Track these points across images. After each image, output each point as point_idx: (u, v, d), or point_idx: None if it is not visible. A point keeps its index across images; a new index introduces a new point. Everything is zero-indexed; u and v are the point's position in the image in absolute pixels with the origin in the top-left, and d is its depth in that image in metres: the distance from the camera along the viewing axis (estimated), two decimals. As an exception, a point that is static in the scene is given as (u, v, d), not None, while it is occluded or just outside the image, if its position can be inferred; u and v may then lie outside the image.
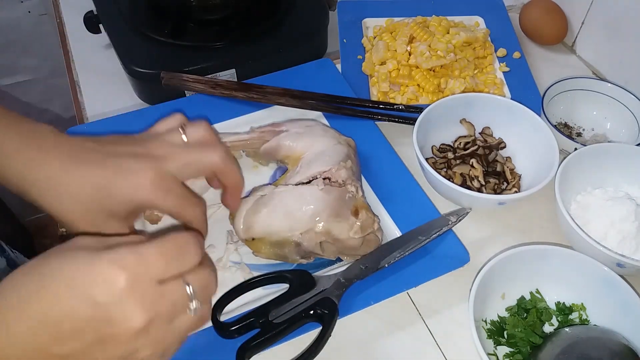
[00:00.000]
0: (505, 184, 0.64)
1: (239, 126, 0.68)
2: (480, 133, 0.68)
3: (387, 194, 0.62)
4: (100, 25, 0.80)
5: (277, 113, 0.70)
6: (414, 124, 0.62)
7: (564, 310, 0.54)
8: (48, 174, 0.42)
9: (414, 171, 0.64)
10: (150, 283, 0.32)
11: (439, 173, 0.58)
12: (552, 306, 0.55)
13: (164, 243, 0.34)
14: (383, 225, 0.58)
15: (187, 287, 0.34)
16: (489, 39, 0.79)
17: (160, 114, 0.50)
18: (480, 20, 0.83)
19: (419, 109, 0.65)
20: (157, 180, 0.43)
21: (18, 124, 0.43)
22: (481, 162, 0.64)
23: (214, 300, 0.51)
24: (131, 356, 0.33)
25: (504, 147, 0.67)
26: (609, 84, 0.71)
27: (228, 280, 0.55)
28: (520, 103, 0.66)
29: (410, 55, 0.74)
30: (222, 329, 0.49)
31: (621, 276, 0.51)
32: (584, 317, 0.54)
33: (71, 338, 0.31)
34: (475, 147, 0.65)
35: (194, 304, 0.35)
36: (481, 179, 0.62)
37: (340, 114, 0.69)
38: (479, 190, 0.62)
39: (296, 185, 0.57)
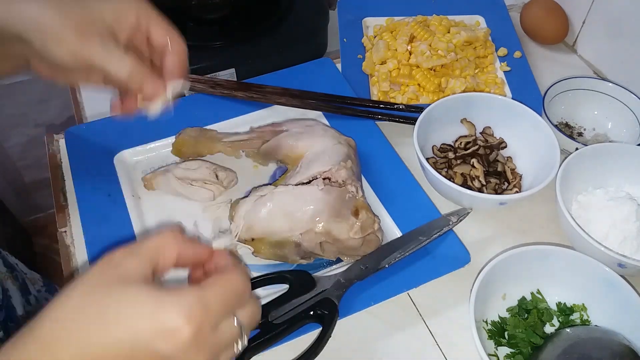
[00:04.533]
0: (506, 184, 0.64)
1: (238, 126, 0.68)
2: (481, 133, 0.68)
3: (388, 194, 0.62)
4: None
5: (277, 113, 0.70)
6: (414, 124, 0.62)
7: (565, 311, 0.54)
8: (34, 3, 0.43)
9: (414, 171, 0.63)
10: (210, 330, 0.32)
11: (440, 173, 0.58)
12: (553, 307, 0.54)
13: (226, 287, 0.34)
14: (383, 226, 0.57)
15: (238, 326, 0.34)
16: (490, 38, 0.79)
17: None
18: (481, 19, 0.83)
19: (420, 109, 0.65)
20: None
21: None
22: (482, 162, 0.64)
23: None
24: None
25: (505, 147, 0.67)
26: (610, 84, 0.70)
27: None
28: (521, 103, 0.65)
29: (410, 54, 0.74)
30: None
31: (622, 276, 0.51)
32: (585, 317, 0.53)
33: None
34: (476, 147, 0.65)
35: (242, 340, 0.35)
36: (482, 179, 0.62)
37: (340, 114, 0.69)
38: (480, 190, 0.62)
39: (296, 185, 0.56)
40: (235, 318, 0.34)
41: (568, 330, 0.51)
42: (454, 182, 0.59)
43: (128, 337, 0.30)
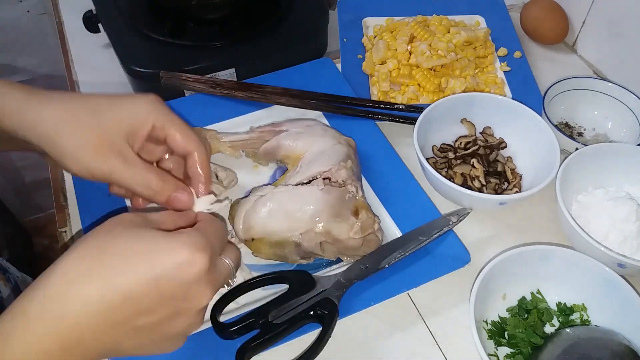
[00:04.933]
0: (506, 184, 0.64)
1: (238, 126, 0.68)
2: (481, 133, 0.68)
3: (388, 194, 0.62)
4: (100, 25, 0.80)
5: (277, 113, 0.70)
6: (414, 124, 0.62)
7: (565, 311, 0.54)
8: (48, 95, 0.43)
9: (414, 171, 0.63)
10: (213, 263, 0.37)
11: (440, 173, 0.58)
12: (553, 307, 0.54)
13: (215, 225, 0.39)
14: (383, 226, 0.57)
15: (230, 263, 0.40)
16: (490, 38, 0.79)
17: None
18: (481, 19, 0.83)
19: (420, 109, 0.65)
20: (156, 100, 0.45)
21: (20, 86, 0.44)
22: (482, 162, 0.64)
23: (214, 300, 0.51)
24: (189, 329, 0.37)
25: (505, 147, 0.67)
26: (610, 84, 0.70)
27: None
28: (521, 103, 0.65)
29: (410, 54, 0.74)
30: (222, 329, 0.48)
31: (622, 276, 0.51)
32: (585, 317, 0.53)
33: (150, 312, 0.34)
34: (476, 147, 0.65)
35: (234, 277, 0.41)
36: (482, 179, 0.62)
37: (340, 114, 0.69)
38: (480, 190, 0.62)
39: (296, 185, 0.56)
40: (227, 259, 0.40)
41: (568, 330, 0.51)
42: (454, 182, 0.59)
43: (151, 271, 0.33)
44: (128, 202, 0.61)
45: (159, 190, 0.43)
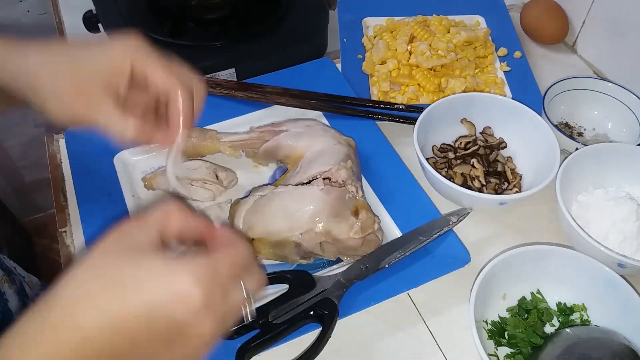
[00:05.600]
0: (506, 184, 0.64)
1: (238, 126, 0.68)
2: (481, 133, 0.68)
3: (388, 194, 0.62)
4: (100, 25, 0.80)
5: (277, 113, 0.70)
6: (414, 124, 0.62)
7: (565, 311, 0.54)
8: (30, 46, 0.43)
9: (414, 171, 0.63)
10: (221, 296, 0.34)
11: (440, 173, 0.58)
12: (553, 307, 0.54)
13: (232, 257, 0.35)
14: (383, 226, 0.57)
15: (245, 292, 0.36)
16: (490, 38, 0.79)
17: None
18: (480, 19, 0.83)
19: (420, 109, 0.65)
20: (135, 42, 0.43)
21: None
22: (482, 162, 0.64)
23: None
24: (191, 357, 0.35)
25: (505, 147, 0.67)
26: (610, 84, 0.70)
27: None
28: (521, 103, 0.65)
29: (410, 54, 0.74)
30: (222, 329, 0.48)
31: (622, 276, 0.51)
32: (585, 317, 0.53)
33: (142, 346, 0.33)
34: (476, 147, 0.65)
35: (249, 307, 0.37)
36: (482, 179, 0.62)
37: (340, 114, 0.69)
38: (480, 190, 0.61)
39: (296, 185, 0.56)
40: (242, 285, 0.36)
41: (568, 330, 0.51)
42: (454, 182, 0.59)
43: (144, 302, 0.32)
44: (129, 204, 0.61)
45: (137, 134, 0.44)
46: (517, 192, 0.62)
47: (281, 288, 0.53)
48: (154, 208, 0.37)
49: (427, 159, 0.61)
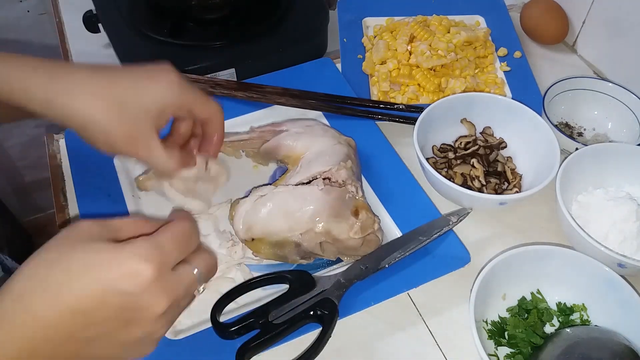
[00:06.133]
0: (506, 184, 0.64)
1: (238, 126, 0.68)
2: (481, 133, 0.68)
3: (388, 194, 0.62)
4: (100, 25, 0.80)
5: (277, 113, 0.70)
6: (414, 124, 0.62)
7: (565, 311, 0.54)
8: (74, 80, 0.45)
9: (414, 171, 0.63)
10: (168, 271, 0.36)
11: (440, 173, 0.58)
12: (553, 307, 0.54)
13: (174, 230, 0.37)
14: (383, 226, 0.57)
15: (195, 271, 0.38)
16: (490, 38, 0.79)
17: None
18: (480, 19, 0.83)
19: (420, 109, 0.65)
20: (178, 80, 0.48)
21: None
22: (482, 162, 0.64)
23: (214, 300, 0.51)
24: (149, 336, 0.37)
25: (505, 147, 0.67)
26: (610, 84, 0.70)
27: (228, 281, 0.55)
28: (521, 103, 0.65)
29: (410, 54, 0.74)
30: (222, 329, 0.49)
31: (622, 276, 0.51)
32: (585, 317, 0.53)
33: (100, 324, 0.34)
34: (476, 147, 0.65)
35: (201, 287, 0.39)
36: (482, 179, 0.62)
37: (340, 114, 0.69)
38: (480, 190, 0.61)
39: (296, 185, 0.56)
40: (192, 266, 0.38)
41: (568, 330, 0.51)
42: (454, 182, 0.59)
43: (96, 281, 0.34)
44: (129, 205, 0.61)
45: (174, 167, 0.50)
46: (517, 192, 0.62)
47: (281, 288, 0.53)
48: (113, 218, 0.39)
49: (427, 159, 0.61)
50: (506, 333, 0.52)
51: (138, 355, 0.38)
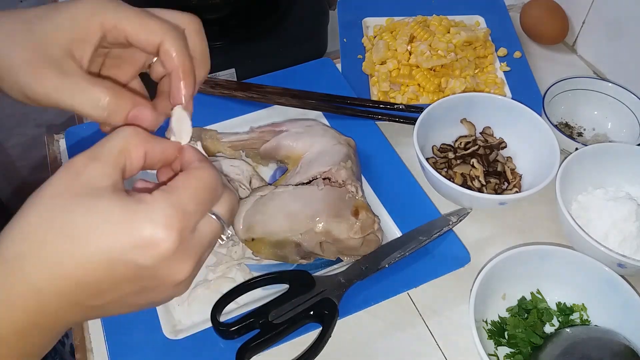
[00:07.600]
0: (506, 184, 0.64)
1: (238, 126, 0.68)
2: (480, 133, 0.68)
3: (388, 194, 0.62)
4: (100, 25, 0.80)
5: (277, 113, 0.70)
6: (414, 124, 0.62)
7: (564, 311, 0.54)
8: None
9: (414, 171, 0.63)
10: (191, 234, 0.31)
11: (440, 173, 0.58)
12: (553, 306, 0.54)
13: (198, 186, 0.31)
14: (383, 226, 0.57)
15: (219, 220, 0.33)
16: (490, 38, 0.79)
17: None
18: (480, 19, 0.83)
19: (420, 109, 0.65)
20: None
21: None
22: (482, 162, 0.64)
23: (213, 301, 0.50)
24: (170, 296, 0.33)
25: (505, 147, 0.67)
26: (610, 84, 0.70)
27: (228, 281, 0.55)
28: (521, 103, 0.65)
29: (410, 54, 0.74)
30: (222, 329, 0.49)
31: (622, 276, 0.51)
32: (585, 317, 0.53)
33: (110, 292, 0.30)
34: (476, 147, 0.65)
35: (226, 232, 0.34)
36: (482, 179, 0.62)
37: (340, 114, 0.69)
38: (480, 190, 0.61)
39: (296, 185, 0.56)
40: (213, 215, 0.33)
41: (568, 330, 0.51)
42: (454, 182, 0.59)
43: (103, 253, 0.28)
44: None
45: (111, 108, 0.34)
46: (517, 192, 0.62)
47: (281, 288, 0.53)
48: (110, 137, 0.31)
49: (427, 159, 0.61)
50: (506, 333, 0.52)
51: (160, 303, 0.34)
